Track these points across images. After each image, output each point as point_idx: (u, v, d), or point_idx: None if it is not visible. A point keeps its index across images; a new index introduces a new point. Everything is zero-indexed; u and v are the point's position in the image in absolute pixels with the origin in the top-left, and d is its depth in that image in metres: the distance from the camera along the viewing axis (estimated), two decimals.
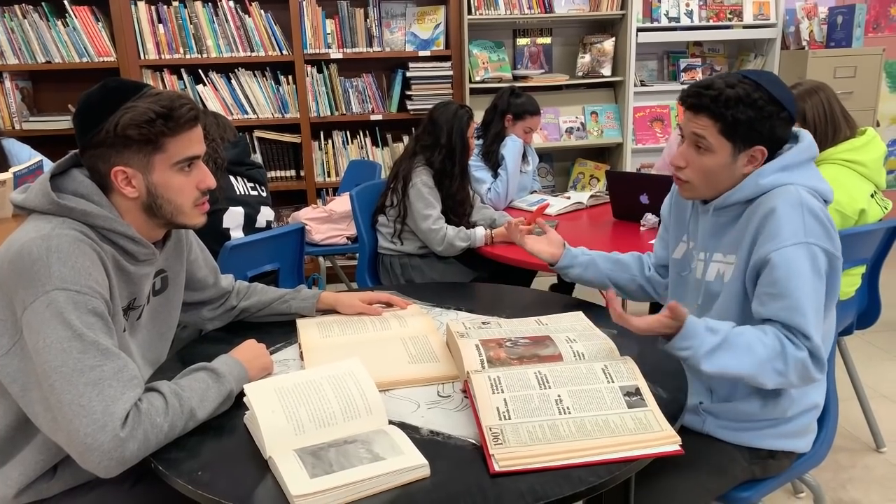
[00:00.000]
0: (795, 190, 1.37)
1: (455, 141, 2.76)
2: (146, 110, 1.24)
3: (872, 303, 2.42)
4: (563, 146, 4.40)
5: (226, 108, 4.01)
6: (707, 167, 1.43)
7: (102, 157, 1.27)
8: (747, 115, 1.38)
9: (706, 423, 1.48)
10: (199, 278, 1.60)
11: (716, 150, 1.42)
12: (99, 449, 1.09)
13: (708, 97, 1.40)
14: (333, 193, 4.19)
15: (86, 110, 1.28)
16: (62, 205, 1.23)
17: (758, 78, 1.42)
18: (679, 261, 1.62)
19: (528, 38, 4.40)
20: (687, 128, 1.45)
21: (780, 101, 1.40)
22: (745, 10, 4.32)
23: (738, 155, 1.42)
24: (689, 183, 1.47)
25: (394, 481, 1.04)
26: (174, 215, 1.34)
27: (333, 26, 4.01)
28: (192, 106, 1.29)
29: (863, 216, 2.19)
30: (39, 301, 1.14)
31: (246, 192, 2.44)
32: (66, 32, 3.76)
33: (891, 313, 2.86)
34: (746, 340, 1.29)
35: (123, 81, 1.30)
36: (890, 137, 4.92)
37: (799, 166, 1.42)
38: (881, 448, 2.51)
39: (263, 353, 1.41)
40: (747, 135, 1.40)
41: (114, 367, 1.15)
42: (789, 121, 1.43)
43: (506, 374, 1.24)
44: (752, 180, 1.42)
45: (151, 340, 1.46)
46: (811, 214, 1.34)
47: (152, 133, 1.25)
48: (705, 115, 1.41)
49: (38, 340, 1.14)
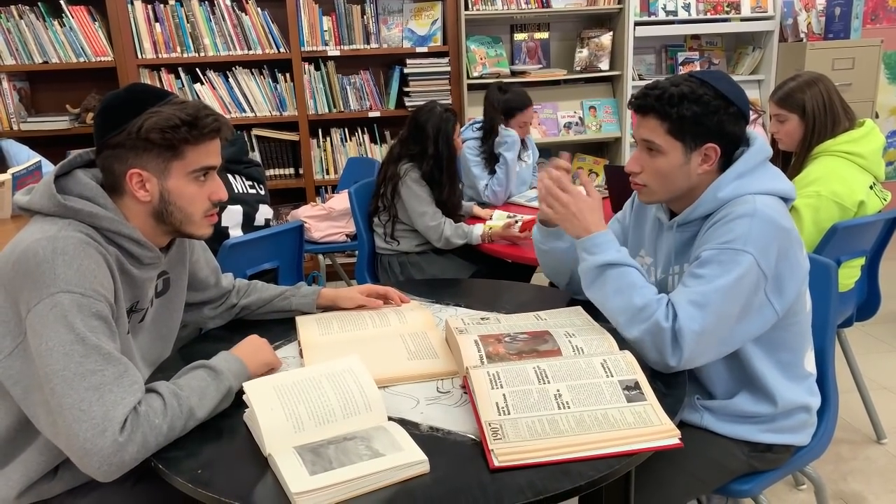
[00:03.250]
0: (752, 200, 1.36)
1: (442, 149, 2.73)
2: (172, 116, 1.25)
3: (872, 294, 2.43)
4: (561, 141, 4.40)
5: (223, 106, 4.00)
6: (661, 170, 1.43)
7: (120, 158, 1.28)
8: (692, 110, 1.38)
9: (704, 418, 1.48)
10: (201, 279, 1.60)
11: (666, 151, 1.42)
12: (98, 454, 1.09)
13: (652, 97, 1.40)
14: (332, 191, 4.19)
15: (110, 110, 1.28)
16: (68, 206, 1.23)
17: (703, 76, 1.42)
18: None
19: (525, 34, 4.39)
20: (637, 133, 1.45)
21: (726, 96, 1.40)
22: (743, 3, 4.31)
23: (691, 154, 1.41)
24: (646, 187, 1.47)
25: (393, 477, 1.04)
26: (183, 223, 1.34)
27: (330, 23, 4.01)
28: (216, 117, 1.30)
29: (862, 208, 2.19)
30: (44, 303, 1.14)
31: (244, 191, 2.44)
32: (62, 32, 3.76)
33: (891, 305, 2.87)
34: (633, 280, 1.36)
35: (149, 87, 1.32)
36: (889, 129, 4.91)
37: (753, 171, 1.41)
38: (882, 440, 2.52)
39: (264, 348, 1.40)
40: (695, 131, 1.40)
41: (115, 371, 1.15)
42: (740, 116, 1.42)
43: (505, 369, 1.24)
44: (710, 194, 1.41)
45: (153, 342, 1.46)
46: (761, 225, 1.33)
47: (175, 139, 1.26)
48: (652, 116, 1.41)
49: (40, 343, 1.14)
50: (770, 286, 1.35)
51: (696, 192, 1.44)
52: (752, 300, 1.34)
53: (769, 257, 1.33)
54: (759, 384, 1.44)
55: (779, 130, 2.35)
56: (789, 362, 1.46)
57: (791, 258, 1.37)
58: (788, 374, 1.46)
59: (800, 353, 1.48)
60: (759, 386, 1.44)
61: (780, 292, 1.37)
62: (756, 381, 1.44)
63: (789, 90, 2.30)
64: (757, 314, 1.36)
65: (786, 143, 2.36)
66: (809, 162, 2.28)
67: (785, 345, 1.45)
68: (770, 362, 1.44)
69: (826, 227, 2.13)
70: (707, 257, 1.35)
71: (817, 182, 2.18)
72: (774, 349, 1.44)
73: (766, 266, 1.33)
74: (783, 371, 1.45)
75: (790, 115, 2.30)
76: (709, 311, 1.31)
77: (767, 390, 1.44)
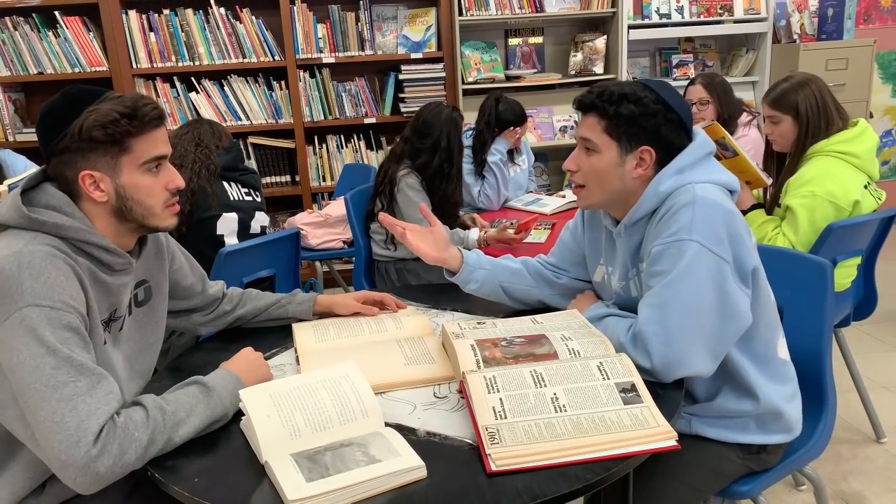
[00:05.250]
0: (692, 188, 1.36)
1: (453, 144, 2.76)
2: (110, 111, 1.23)
3: (869, 294, 2.43)
4: (557, 145, 4.40)
5: (219, 115, 4.00)
6: (595, 168, 1.43)
7: (68, 162, 1.26)
8: (630, 110, 1.39)
9: (692, 424, 1.47)
10: (186, 286, 1.59)
11: (602, 149, 1.42)
12: (73, 465, 1.08)
13: (594, 93, 1.42)
14: (329, 198, 4.19)
15: (49, 117, 1.27)
16: (33, 218, 1.22)
17: (649, 83, 1.44)
18: (601, 284, 1.61)
19: (519, 38, 4.40)
20: (578, 132, 1.47)
21: (667, 102, 1.40)
22: (736, 5, 4.33)
23: (626, 156, 1.42)
24: (584, 188, 1.48)
25: (390, 483, 1.04)
26: (145, 217, 1.32)
27: (325, 31, 4.01)
28: (155, 105, 1.29)
29: (857, 207, 2.19)
30: (12, 318, 1.13)
31: (240, 198, 2.44)
32: (57, 43, 3.76)
33: (888, 304, 2.87)
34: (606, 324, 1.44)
35: (84, 88, 1.29)
36: (883, 128, 4.93)
37: (695, 165, 1.41)
38: (881, 439, 2.51)
39: (260, 364, 1.38)
40: (631, 132, 1.40)
41: (88, 382, 1.13)
42: (679, 124, 1.42)
43: (501, 373, 1.23)
44: (651, 190, 1.41)
45: (139, 351, 1.44)
46: (703, 210, 1.32)
47: (117, 133, 1.24)
48: (592, 114, 1.43)
49: (11, 357, 1.13)
50: (733, 269, 1.33)
51: (632, 199, 1.44)
52: (723, 287, 1.31)
53: (721, 241, 1.32)
54: (738, 380, 1.43)
55: (773, 132, 2.35)
56: (763, 354, 1.45)
57: (744, 240, 1.36)
58: (764, 368, 1.45)
59: (772, 343, 1.46)
60: (739, 381, 1.43)
61: (744, 275, 1.35)
62: (735, 377, 1.43)
63: (782, 91, 2.31)
64: (734, 300, 1.33)
65: (780, 145, 2.37)
66: (804, 162, 2.28)
67: (757, 336, 1.43)
68: (745, 356, 1.42)
69: (821, 226, 2.14)
70: (656, 254, 1.35)
71: (812, 182, 2.19)
72: (748, 342, 1.42)
73: (720, 250, 1.31)
74: (759, 364, 1.44)
75: (784, 116, 2.31)
76: (668, 308, 1.31)
77: (747, 386, 1.43)
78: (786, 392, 1.48)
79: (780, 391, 1.46)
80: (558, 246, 1.73)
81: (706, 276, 1.31)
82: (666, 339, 1.30)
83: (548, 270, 1.72)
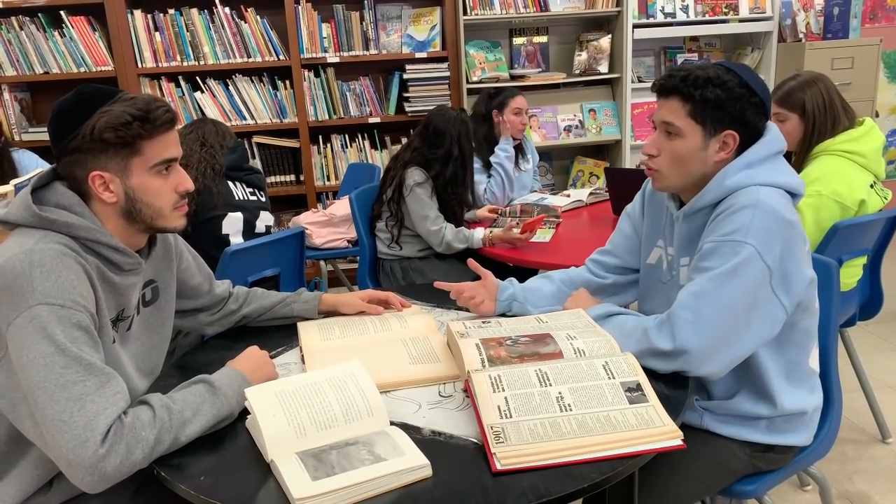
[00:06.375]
0: (756, 191, 1.35)
1: (465, 149, 2.78)
2: (122, 113, 1.23)
3: (875, 293, 2.42)
4: (561, 144, 4.40)
5: (224, 114, 4.01)
6: (678, 152, 1.42)
7: (79, 162, 1.26)
8: (716, 94, 1.37)
9: (704, 419, 1.47)
10: (193, 286, 1.59)
11: (685, 133, 1.41)
12: (81, 464, 1.08)
13: (678, 77, 1.40)
14: (333, 197, 4.20)
15: (61, 117, 1.27)
16: (44, 217, 1.22)
17: (730, 65, 1.42)
18: (654, 266, 1.60)
19: (524, 38, 4.40)
20: (657, 116, 1.45)
21: (750, 85, 1.39)
22: (741, 4, 4.31)
23: (710, 140, 1.40)
24: (660, 172, 1.46)
25: (396, 482, 1.04)
26: (154, 219, 1.32)
27: (329, 30, 4.01)
28: (167, 108, 1.29)
29: (863, 206, 2.19)
30: (23, 317, 1.13)
31: (245, 198, 2.44)
32: (63, 43, 3.77)
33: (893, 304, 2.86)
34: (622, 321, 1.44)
35: (97, 87, 1.29)
36: (889, 127, 4.91)
37: (763, 162, 1.40)
38: (887, 439, 2.51)
39: (266, 362, 1.38)
40: (716, 116, 1.39)
41: (97, 381, 1.14)
42: (761, 107, 1.41)
43: (506, 372, 1.24)
44: (716, 182, 1.40)
45: (145, 351, 1.44)
46: (763, 217, 1.32)
47: (129, 135, 1.24)
48: (675, 96, 1.41)
49: (21, 356, 1.13)
50: (776, 280, 1.32)
51: (709, 182, 1.43)
52: (758, 295, 1.31)
53: (772, 250, 1.31)
54: (760, 384, 1.43)
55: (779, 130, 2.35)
56: (796, 361, 1.44)
57: (797, 253, 1.35)
58: (792, 375, 1.45)
59: (806, 350, 1.46)
60: (760, 386, 1.43)
61: (788, 288, 1.34)
62: (758, 381, 1.43)
63: (789, 90, 2.30)
64: (766, 311, 1.33)
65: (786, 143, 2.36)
66: (810, 161, 2.28)
67: (793, 343, 1.43)
68: (777, 360, 1.42)
69: (827, 226, 2.13)
70: (707, 250, 1.35)
71: (818, 181, 2.18)
72: (783, 347, 1.42)
73: (770, 259, 1.31)
74: (787, 370, 1.44)
75: (790, 114, 2.30)
76: (704, 299, 1.30)
77: (767, 391, 1.43)
78: (808, 400, 1.47)
79: (803, 399, 1.46)
80: (616, 233, 1.72)
81: (751, 281, 1.31)
82: (694, 328, 1.30)
83: (594, 277, 1.71)
